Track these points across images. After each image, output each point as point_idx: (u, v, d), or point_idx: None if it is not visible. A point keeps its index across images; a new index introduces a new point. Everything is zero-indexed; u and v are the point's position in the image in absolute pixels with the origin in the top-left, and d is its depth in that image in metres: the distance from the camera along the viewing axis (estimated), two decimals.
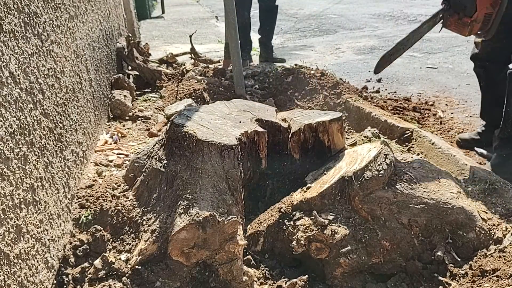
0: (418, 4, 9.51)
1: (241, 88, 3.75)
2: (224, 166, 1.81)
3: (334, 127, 2.18)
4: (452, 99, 3.98)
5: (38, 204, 1.58)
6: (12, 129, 1.44)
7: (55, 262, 1.67)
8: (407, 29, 7.17)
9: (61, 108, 2.02)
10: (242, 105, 2.33)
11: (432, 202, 1.82)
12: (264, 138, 2.08)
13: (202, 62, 4.87)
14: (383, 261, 1.80)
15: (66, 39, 2.29)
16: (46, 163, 1.72)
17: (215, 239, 1.65)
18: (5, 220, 1.31)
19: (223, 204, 1.72)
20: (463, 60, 5.08)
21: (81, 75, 2.52)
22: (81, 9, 2.76)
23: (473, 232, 1.80)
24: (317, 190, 1.90)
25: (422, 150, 2.79)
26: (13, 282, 1.31)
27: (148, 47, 5.28)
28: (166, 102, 3.78)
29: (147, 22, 9.14)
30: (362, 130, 3.11)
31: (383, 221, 1.81)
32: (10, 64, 1.49)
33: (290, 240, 1.84)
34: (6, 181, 1.35)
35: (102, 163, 2.52)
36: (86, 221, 1.89)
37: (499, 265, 1.65)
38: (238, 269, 1.67)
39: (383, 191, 1.83)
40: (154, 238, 1.67)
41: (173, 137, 1.86)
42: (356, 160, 1.94)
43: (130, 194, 1.94)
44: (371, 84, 4.52)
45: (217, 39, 6.98)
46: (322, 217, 1.82)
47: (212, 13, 10.35)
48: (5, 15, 1.50)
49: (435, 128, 3.37)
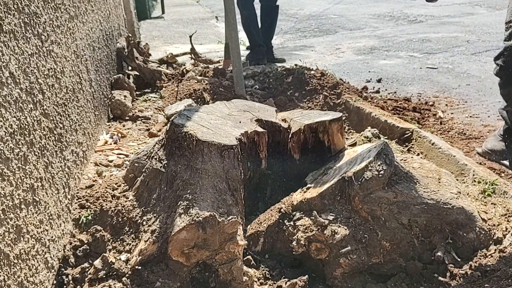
0: (418, 4, 9.51)
1: (241, 88, 3.75)
2: (224, 166, 1.81)
3: (334, 127, 2.18)
4: (452, 99, 3.98)
5: (38, 204, 1.58)
6: (12, 129, 1.44)
7: (55, 262, 1.67)
8: (407, 29, 7.18)
9: (61, 108, 2.02)
10: (242, 105, 2.33)
11: (432, 202, 1.82)
12: (264, 138, 2.08)
13: (202, 62, 4.87)
14: (383, 261, 1.80)
15: (66, 39, 2.29)
16: (46, 163, 1.72)
17: (215, 239, 1.65)
18: (5, 220, 1.31)
19: (223, 204, 1.72)
20: (463, 60, 5.08)
21: (81, 75, 2.52)
22: (81, 9, 2.76)
23: (473, 232, 1.80)
24: (317, 190, 1.90)
25: (422, 150, 2.79)
26: (13, 282, 1.31)
27: (148, 47, 5.28)
28: (166, 102, 3.78)
29: (147, 22, 9.14)
30: (362, 130, 3.11)
31: (383, 221, 1.81)
32: (10, 64, 1.49)
33: (290, 240, 1.84)
34: (6, 181, 1.35)
35: (102, 163, 2.52)
36: (86, 221, 1.89)
37: (499, 265, 1.65)
38: (238, 269, 1.67)
39: (383, 191, 1.83)
40: (154, 239, 1.67)
41: (173, 137, 1.86)
42: (356, 160, 1.94)
43: (130, 194, 1.94)
44: (371, 84, 4.52)
45: (217, 39, 6.98)
46: (322, 217, 1.82)
47: (212, 13, 10.35)
48: (5, 15, 1.50)
49: (435, 128, 3.37)
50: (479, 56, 5.18)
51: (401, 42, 6.33)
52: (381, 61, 5.33)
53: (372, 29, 7.45)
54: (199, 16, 9.96)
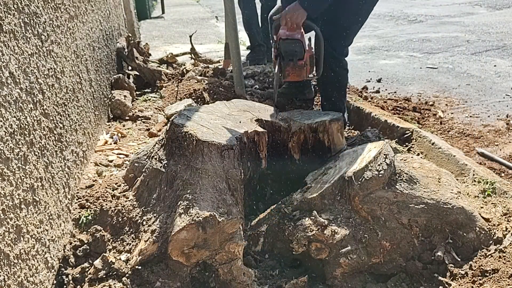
0: (418, 4, 9.51)
1: (241, 88, 3.75)
2: (224, 166, 1.81)
3: (334, 127, 2.18)
4: (452, 99, 3.98)
5: (38, 204, 1.58)
6: (12, 129, 1.44)
7: (55, 262, 1.67)
8: (407, 29, 7.18)
9: (61, 108, 2.02)
10: (242, 105, 2.33)
11: (432, 202, 1.82)
12: (264, 138, 2.08)
13: (202, 62, 4.86)
14: (383, 261, 1.80)
15: (66, 39, 2.29)
16: (46, 163, 1.72)
17: (215, 239, 1.65)
18: (5, 220, 1.31)
19: (223, 204, 1.72)
20: (463, 60, 5.08)
21: (81, 75, 2.52)
22: (81, 9, 2.76)
23: (473, 232, 1.80)
24: (317, 190, 1.90)
25: (422, 150, 2.79)
26: (13, 282, 1.31)
27: (148, 47, 5.27)
28: (166, 102, 3.78)
29: (147, 22, 9.13)
30: (362, 130, 3.11)
31: (383, 221, 1.81)
32: (10, 64, 1.49)
33: (290, 240, 1.84)
34: (6, 181, 1.35)
35: (102, 163, 2.52)
36: (86, 221, 1.89)
37: (499, 265, 1.66)
38: (238, 269, 1.67)
39: (383, 191, 1.83)
40: (154, 238, 1.67)
41: (173, 137, 1.86)
42: (356, 160, 1.94)
43: (130, 194, 1.94)
44: (371, 84, 4.52)
45: (217, 39, 6.98)
46: (322, 217, 1.82)
47: (212, 13, 10.35)
48: (5, 15, 1.50)
49: (435, 128, 3.37)
50: (479, 56, 5.17)
51: (401, 42, 6.33)
52: (381, 61, 5.33)
53: (372, 29, 7.45)
54: (199, 16, 9.96)
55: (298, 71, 2.49)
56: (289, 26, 2.45)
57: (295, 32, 2.44)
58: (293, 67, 2.46)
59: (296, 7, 2.44)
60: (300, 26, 2.46)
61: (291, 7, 2.46)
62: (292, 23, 2.44)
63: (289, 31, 2.45)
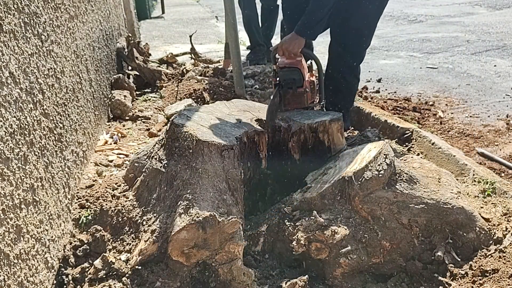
0: (418, 4, 9.51)
1: (241, 88, 3.75)
2: (224, 166, 1.81)
3: (334, 127, 2.18)
4: (452, 99, 3.98)
5: (38, 204, 1.58)
6: (12, 129, 1.44)
7: (55, 262, 1.67)
8: (407, 29, 7.18)
9: (61, 108, 2.02)
10: (242, 105, 2.33)
11: (432, 202, 1.82)
12: (264, 138, 2.08)
13: (202, 62, 4.86)
14: (383, 261, 1.80)
15: (66, 39, 2.29)
16: (46, 163, 1.72)
17: (215, 239, 1.65)
18: (5, 220, 1.31)
19: (223, 204, 1.72)
20: (463, 60, 5.08)
21: (81, 75, 2.52)
22: (81, 9, 2.76)
23: (473, 232, 1.80)
24: (317, 190, 1.90)
25: (422, 150, 2.79)
26: (13, 282, 1.31)
27: (148, 47, 5.27)
28: (166, 102, 3.78)
29: (147, 22, 9.13)
30: (362, 130, 3.11)
31: (383, 221, 1.81)
32: (10, 64, 1.49)
33: (290, 240, 1.84)
34: (6, 181, 1.35)
35: (102, 163, 2.52)
36: (86, 221, 1.89)
37: (499, 265, 1.65)
38: (238, 269, 1.67)
39: (383, 191, 1.82)
40: (154, 238, 1.67)
41: (173, 137, 1.86)
42: (356, 160, 1.94)
43: (130, 194, 1.94)
44: (371, 84, 4.52)
45: (217, 39, 6.97)
46: (322, 217, 1.82)
47: (212, 13, 10.35)
48: (5, 15, 1.50)
49: (435, 128, 3.37)
50: (479, 56, 5.17)
51: (401, 42, 6.33)
52: (381, 61, 5.33)
53: None
54: (199, 16, 9.96)
55: (298, 98, 2.49)
56: (286, 56, 2.47)
57: (294, 60, 2.46)
58: (292, 95, 2.46)
59: (293, 36, 2.46)
60: (298, 54, 2.48)
61: (288, 37, 2.48)
62: (289, 53, 2.45)
63: (288, 59, 2.46)
